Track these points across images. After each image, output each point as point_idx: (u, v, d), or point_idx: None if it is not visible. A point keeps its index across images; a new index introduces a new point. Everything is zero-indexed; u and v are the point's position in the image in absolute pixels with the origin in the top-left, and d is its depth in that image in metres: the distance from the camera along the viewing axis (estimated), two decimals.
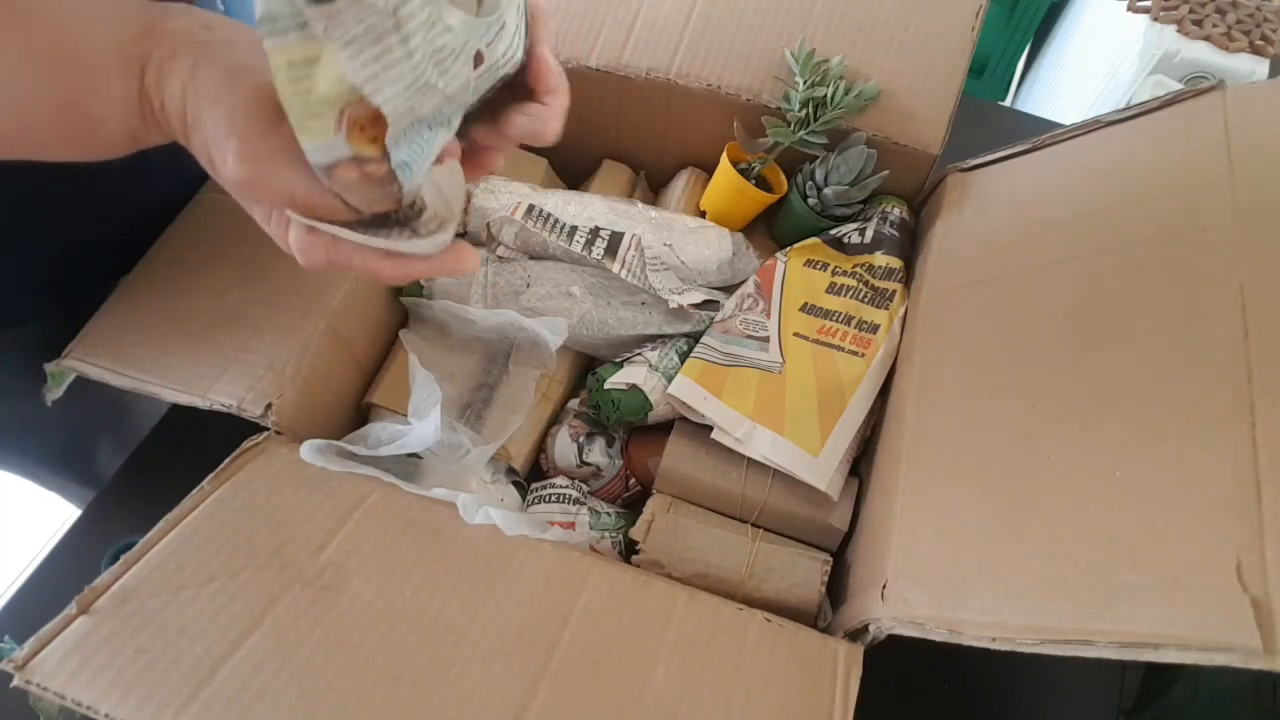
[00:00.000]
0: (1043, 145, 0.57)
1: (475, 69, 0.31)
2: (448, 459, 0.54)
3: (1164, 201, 0.47)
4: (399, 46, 0.27)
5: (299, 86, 0.27)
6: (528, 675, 0.40)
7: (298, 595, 0.42)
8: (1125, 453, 0.40)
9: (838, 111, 0.60)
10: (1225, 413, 0.37)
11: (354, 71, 0.26)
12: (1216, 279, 0.42)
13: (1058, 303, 0.48)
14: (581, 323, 0.59)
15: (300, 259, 0.34)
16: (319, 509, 0.46)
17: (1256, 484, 0.35)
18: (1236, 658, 0.31)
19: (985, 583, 0.40)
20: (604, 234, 0.60)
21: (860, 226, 0.63)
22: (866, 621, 0.42)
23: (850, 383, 0.55)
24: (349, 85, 0.27)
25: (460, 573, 0.44)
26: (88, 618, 0.41)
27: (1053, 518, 0.40)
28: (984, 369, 0.48)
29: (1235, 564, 0.33)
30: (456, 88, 0.30)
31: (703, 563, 0.51)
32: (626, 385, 0.56)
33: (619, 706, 0.40)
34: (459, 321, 0.59)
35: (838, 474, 0.53)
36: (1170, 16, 1.24)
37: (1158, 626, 0.34)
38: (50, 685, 0.38)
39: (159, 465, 0.63)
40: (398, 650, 0.41)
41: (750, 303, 0.60)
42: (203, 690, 0.38)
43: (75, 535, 0.61)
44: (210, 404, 0.49)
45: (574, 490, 0.56)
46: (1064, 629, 0.36)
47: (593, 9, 0.66)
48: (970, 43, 0.61)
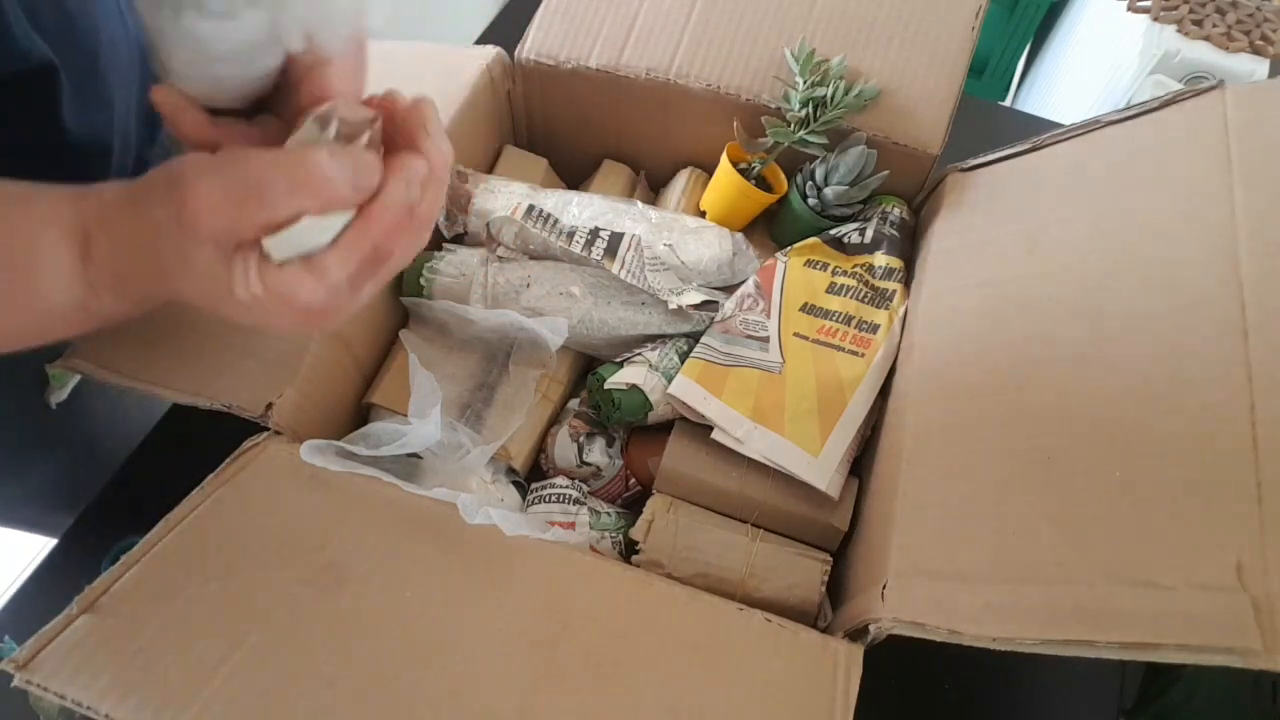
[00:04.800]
0: (1043, 145, 0.57)
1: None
2: (448, 459, 0.54)
3: (1164, 201, 0.48)
4: None
5: None
6: (528, 675, 0.40)
7: (298, 595, 0.42)
8: (1125, 453, 0.40)
9: (838, 111, 0.60)
10: (1225, 412, 0.37)
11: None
12: (1216, 278, 0.42)
13: (1057, 302, 0.48)
14: (581, 323, 0.59)
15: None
16: (319, 509, 0.46)
17: (1257, 484, 0.35)
18: (1236, 658, 0.32)
19: (985, 583, 0.40)
20: (604, 234, 0.60)
21: (860, 226, 0.63)
22: (866, 621, 0.42)
23: (850, 383, 0.55)
24: None
25: (460, 573, 0.44)
26: (88, 618, 0.40)
27: (1053, 518, 0.40)
28: (984, 369, 0.48)
29: (1235, 564, 0.33)
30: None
31: (703, 563, 0.51)
32: (626, 385, 0.56)
33: (619, 707, 0.40)
34: (459, 321, 0.59)
35: (838, 474, 0.53)
36: (1170, 16, 1.24)
37: (1158, 626, 0.34)
38: (50, 685, 0.38)
39: (159, 465, 0.63)
40: (397, 650, 0.41)
41: (750, 303, 0.60)
42: (203, 690, 0.38)
43: (75, 535, 0.61)
44: (210, 404, 0.49)
45: (574, 490, 0.56)
46: (1064, 629, 0.36)
47: (593, 9, 0.66)
48: (970, 43, 0.61)
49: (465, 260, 0.60)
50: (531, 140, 0.74)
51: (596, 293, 0.59)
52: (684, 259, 0.61)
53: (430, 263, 0.60)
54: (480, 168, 0.69)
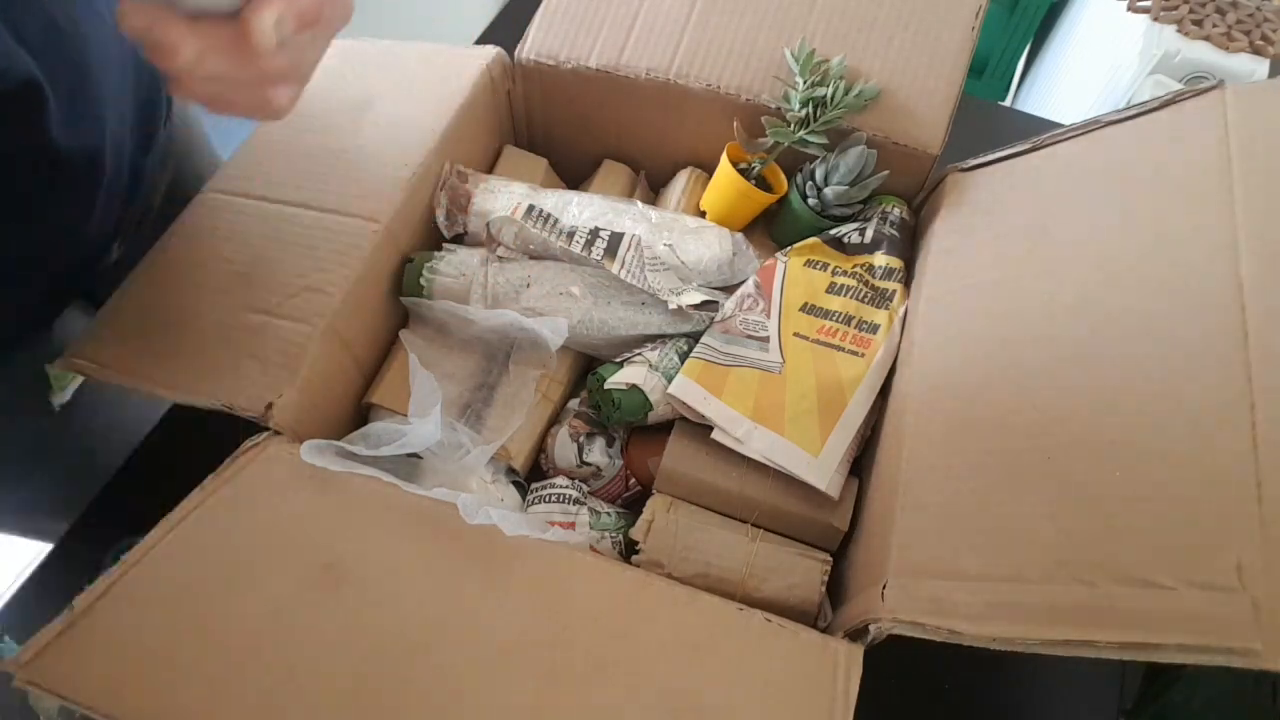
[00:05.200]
0: (1043, 145, 0.57)
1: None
2: (448, 459, 0.54)
3: (1164, 201, 0.48)
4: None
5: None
6: (528, 675, 0.40)
7: (298, 595, 0.42)
8: (1125, 453, 0.40)
9: (838, 111, 0.60)
10: (1225, 413, 0.37)
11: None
12: (1216, 279, 0.42)
13: (1057, 303, 0.48)
14: (581, 323, 0.59)
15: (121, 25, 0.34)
16: (319, 509, 0.46)
17: (1257, 484, 0.35)
18: (1236, 658, 0.32)
19: (985, 582, 0.40)
20: (604, 234, 0.60)
21: (860, 226, 0.63)
22: (866, 621, 0.42)
23: (850, 383, 0.55)
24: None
25: (460, 573, 0.44)
26: (88, 618, 0.41)
27: (1053, 518, 0.40)
28: (984, 369, 0.48)
29: (1235, 564, 0.33)
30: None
31: (703, 563, 0.51)
32: (626, 385, 0.56)
33: (619, 707, 0.40)
34: (459, 321, 0.59)
35: (838, 474, 0.53)
36: (1170, 16, 1.24)
37: (1158, 627, 0.34)
38: (50, 685, 0.38)
39: (159, 465, 0.63)
40: (397, 650, 0.41)
41: (750, 303, 0.60)
42: (203, 690, 0.38)
43: (76, 535, 0.61)
44: (210, 404, 0.49)
45: (574, 490, 0.56)
46: (1064, 629, 0.36)
47: (593, 9, 0.66)
48: (970, 42, 0.61)
49: (465, 260, 0.60)
50: (531, 140, 0.74)
51: (596, 293, 0.59)
52: (684, 259, 0.61)
53: (430, 263, 0.60)
54: (480, 168, 0.69)
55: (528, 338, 0.58)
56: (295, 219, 0.58)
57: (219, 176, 0.61)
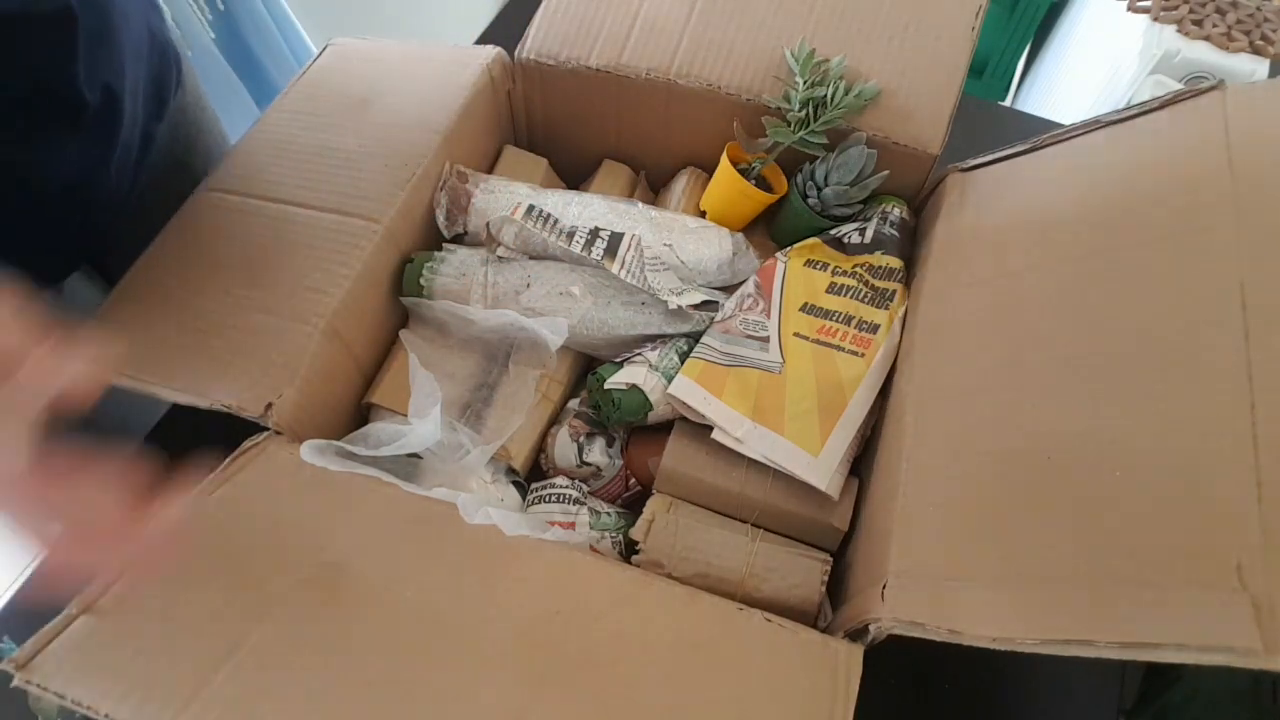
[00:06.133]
0: (1043, 145, 0.57)
1: None
2: (448, 459, 0.54)
3: (1164, 201, 0.47)
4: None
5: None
6: (528, 675, 0.40)
7: (298, 595, 0.42)
8: (1125, 452, 0.40)
9: (838, 111, 0.60)
10: (1225, 411, 0.37)
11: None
12: (1217, 279, 0.42)
13: (1058, 303, 0.48)
14: (581, 323, 0.59)
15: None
16: (319, 509, 0.46)
17: (1257, 484, 0.35)
18: (1236, 658, 0.31)
19: (985, 583, 0.40)
20: (604, 234, 0.60)
21: (860, 226, 0.63)
22: (866, 621, 0.42)
23: (850, 383, 0.55)
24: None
25: (460, 573, 0.44)
26: (88, 618, 0.41)
27: (1053, 517, 0.40)
28: (984, 369, 0.48)
29: (1235, 564, 0.33)
30: None
31: (703, 563, 0.51)
32: (626, 385, 0.56)
33: (619, 707, 0.40)
34: (459, 321, 0.59)
35: (838, 474, 0.53)
36: (1170, 16, 1.24)
37: (1158, 626, 0.34)
38: (50, 685, 0.38)
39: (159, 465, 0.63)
40: (397, 650, 0.41)
41: (750, 303, 0.60)
42: (203, 690, 0.38)
43: None
44: (210, 404, 0.49)
45: (574, 490, 0.56)
46: (1064, 629, 0.36)
47: (593, 9, 0.66)
48: (970, 42, 0.61)
49: (465, 260, 0.60)
50: (531, 140, 0.74)
51: (596, 293, 0.59)
52: (684, 259, 0.61)
53: (430, 263, 0.60)
54: (480, 168, 0.69)
55: (528, 338, 0.58)
56: (295, 219, 0.58)
57: (219, 175, 0.61)
